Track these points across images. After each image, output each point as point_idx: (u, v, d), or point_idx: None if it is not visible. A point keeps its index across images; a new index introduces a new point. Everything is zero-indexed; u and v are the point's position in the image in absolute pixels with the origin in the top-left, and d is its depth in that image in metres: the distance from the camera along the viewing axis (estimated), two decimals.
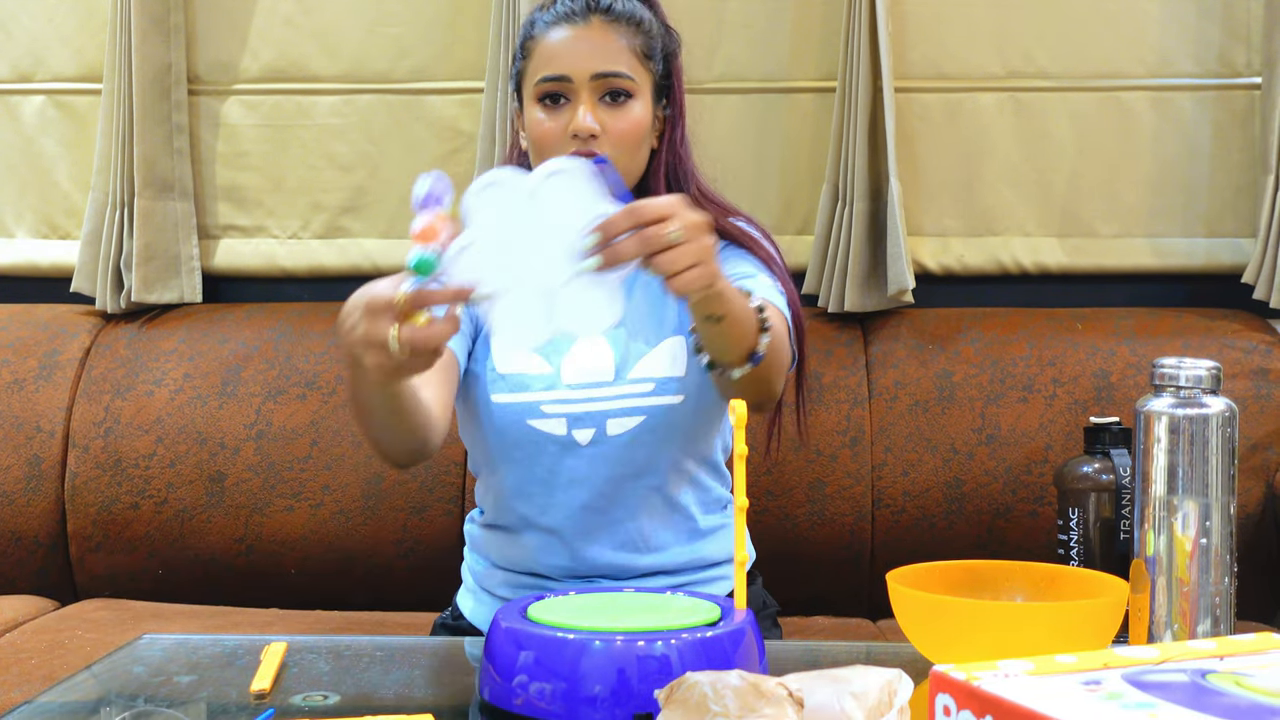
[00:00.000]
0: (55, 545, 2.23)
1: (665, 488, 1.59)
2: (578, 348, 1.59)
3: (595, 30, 1.58)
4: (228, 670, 1.24)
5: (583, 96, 1.56)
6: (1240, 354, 2.16)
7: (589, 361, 1.59)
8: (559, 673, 1.08)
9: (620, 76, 1.57)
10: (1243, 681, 0.85)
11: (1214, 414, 1.24)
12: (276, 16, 2.42)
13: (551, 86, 1.57)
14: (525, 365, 1.58)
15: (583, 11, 1.59)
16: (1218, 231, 2.33)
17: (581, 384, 1.57)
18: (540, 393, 1.57)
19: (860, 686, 0.97)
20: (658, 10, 1.67)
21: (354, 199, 2.43)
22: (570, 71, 1.56)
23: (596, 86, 1.56)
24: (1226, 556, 1.25)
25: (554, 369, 1.58)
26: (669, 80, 1.65)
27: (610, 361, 1.59)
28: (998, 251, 2.35)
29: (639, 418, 1.57)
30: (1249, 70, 2.31)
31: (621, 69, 1.57)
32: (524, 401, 1.57)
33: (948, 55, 2.35)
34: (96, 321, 2.37)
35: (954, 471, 2.13)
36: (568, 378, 1.58)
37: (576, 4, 1.59)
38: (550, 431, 1.56)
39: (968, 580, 1.30)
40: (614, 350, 1.59)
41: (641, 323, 1.61)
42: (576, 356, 1.59)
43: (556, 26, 1.59)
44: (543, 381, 1.57)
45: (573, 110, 1.56)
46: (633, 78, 1.58)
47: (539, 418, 1.57)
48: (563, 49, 1.57)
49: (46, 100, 2.47)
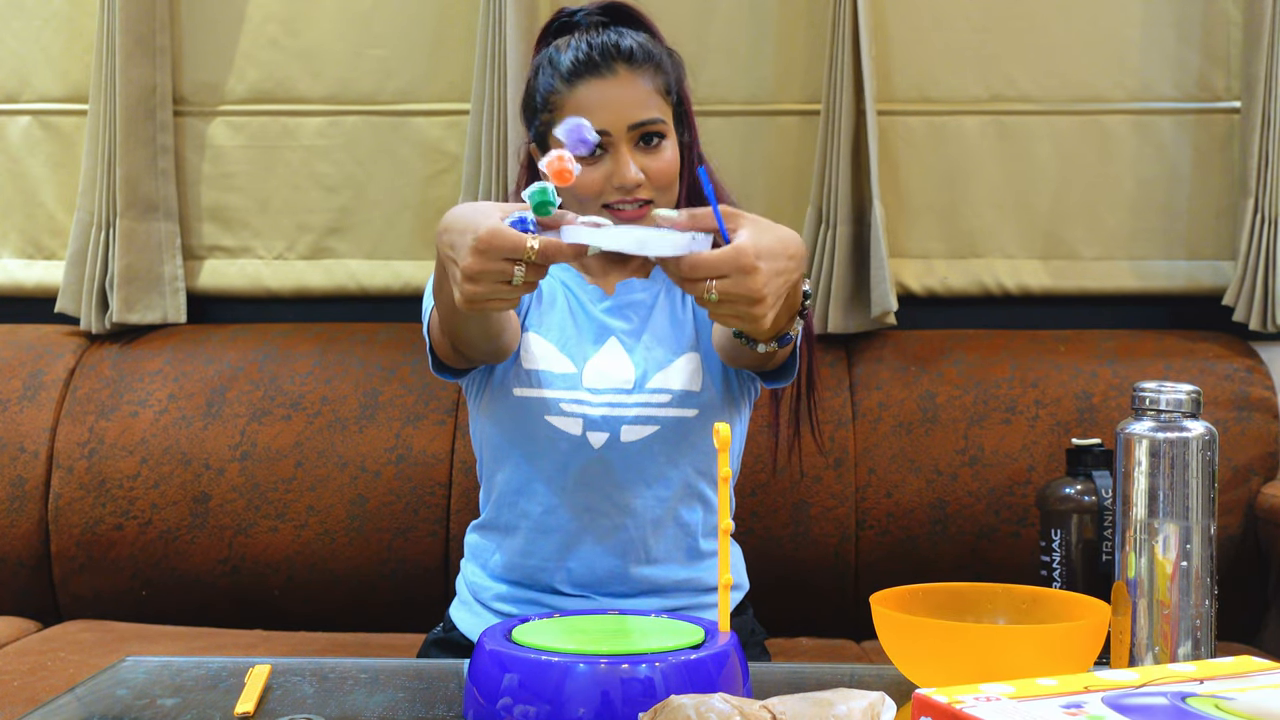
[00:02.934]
0: (39, 566, 2.23)
1: (671, 501, 1.61)
2: (601, 354, 1.62)
3: (623, 80, 1.59)
4: (212, 693, 1.24)
5: (622, 148, 1.58)
6: (1221, 377, 2.17)
7: (610, 369, 1.62)
8: (543, 695, 1.08)
9: (654, 123, 1.59)
10: (1222, 705, 0.86)
11: (1194, 437, 1.25)
12: (262, 38, 2.42)
13: None
14: (549, 364, 1.62)
15: (606, 61, 1.59)
16: (1198, 254, 2.35)
17: (602, 389, 1.60)
18: (561, 390, 1.60)
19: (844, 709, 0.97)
20: (660, 38, 1.69)
21: (340, 220, 2.43)
22: (609, 126, 1.57)
23: (633, 136, 1.58)
24: (1207, 579, 1.26)
25: (577, 370, 1.61)
26: (683, 106, 1.69)
27: (631, 371, 1.62)
28: (980, 273, 2.36)
29: (653, 427, 1.59)
30: (1228, 94, 2.33)
31: (654, 114, 1.60)
32: (544, 397, 1.60)
33: (931, 78, 2.36)
34: (81, 342, 2.37)
35: (937, 492, 2.14)
36: (589, 381, 1.61)
37: (597, 54, 1.60)
38: (566, 430, 1.59)
39: (951, 602, 1.31)
40: (634, 361, 1.62)
41: (663, 336, 1.64)
42: (599, 362, 1.62)
43: (582, 81, 1.59)
44: (565, 381, 1.60)
45: (614, 161, 1.57)
46: (663, 120, 1.61)
47: (557, 415, 1.59)
48: (597, 103, 1.58)
49: (32, 121, 2.47)
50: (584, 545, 1.61)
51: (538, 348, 1.63)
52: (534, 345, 1.64)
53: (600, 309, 1.67)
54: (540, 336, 1.64)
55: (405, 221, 2.41)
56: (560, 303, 1.67)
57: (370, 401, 2.21)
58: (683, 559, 1.63)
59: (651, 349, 1.64)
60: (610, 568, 1.61)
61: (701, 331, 1.66)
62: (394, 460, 2.17)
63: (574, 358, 1.62)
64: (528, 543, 1.63)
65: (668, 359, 1.63)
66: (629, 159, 1.57)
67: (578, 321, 1.66)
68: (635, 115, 1.58)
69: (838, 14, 2.25)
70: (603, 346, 1.64)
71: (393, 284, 2.41)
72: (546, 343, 1.64)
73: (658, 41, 1.68)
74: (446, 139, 2.41)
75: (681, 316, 1.67)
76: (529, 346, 1.63)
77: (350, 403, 2.21)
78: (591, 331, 1.65)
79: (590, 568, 1.61)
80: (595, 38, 1.61)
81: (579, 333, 1.65)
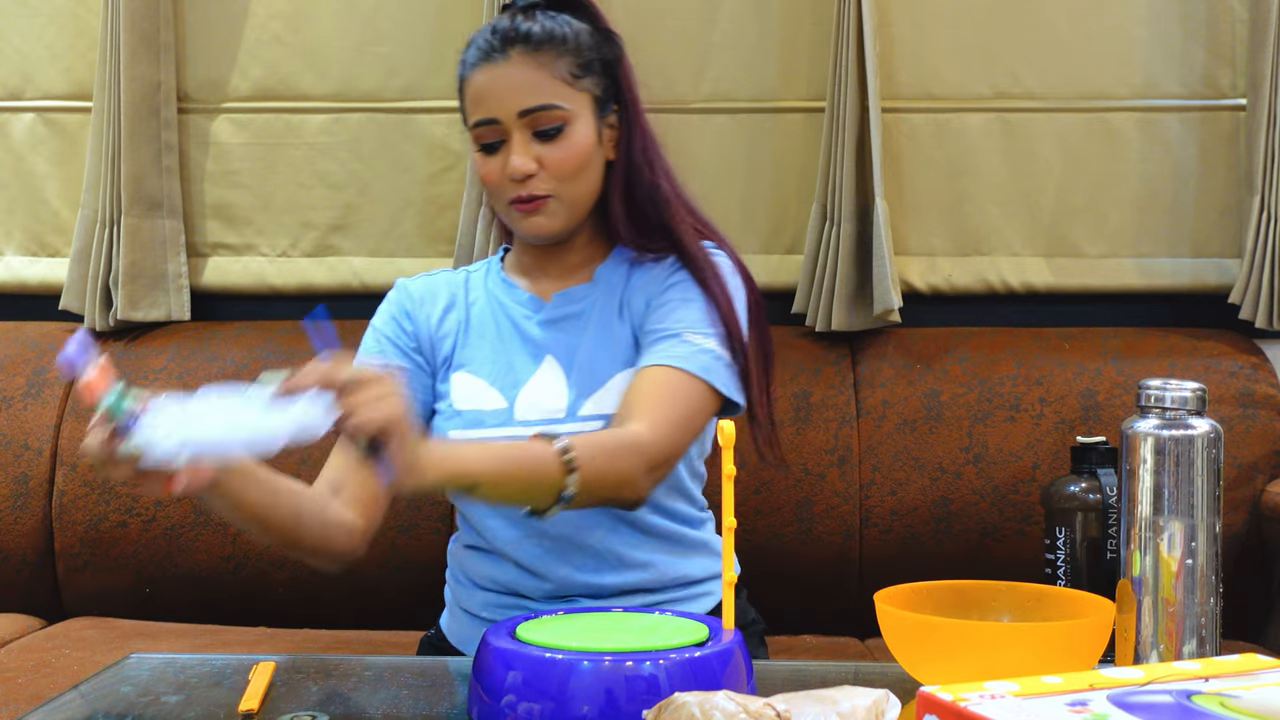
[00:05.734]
0: (42, 563, 2.23)
1: (629, 514, 1.57)
2: (532, 384, 1.57)
3: (516, 65, 1.53)
4: (216, 690, 1.24)
5: (514, 137, 1.53)
6: (1226, 375, 2.17)
7: (542, 397, 1.56)
8: (547, 693, 1.08)
9: (548, 110, 1.53)
10: (1227, 703, 0.86)
11: (1199, 435, 1.25)
12: (266, 35, 2.42)
13: (483, 131, 1.55)
14: (480, 401, 1.57)
15: (501, 46, 1.54)
16: (1204, 252, 2.34)
17: (534, 421, 1.55)
18: (494, 429, 1.55)
19: (847, 707, 0.97)
20: (592, 17, 1.62)
21: (343, 217, 2.43)
22: (496, 113, 1.53)
23: (526, 123, 1.53)
24: (1212, 577, 1.26)
25: (508, 404, 1.56)
26: (616, 88, 1.61)
27: (564, 398, 1.56)
28: (985, 271, 2.36)
29: None
30: (1234, 92, 2.33)
31: (547, 100, 1.53)
32: (478, 438, 1.55)
33: (935, 76, 2.36)
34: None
35: (941, 491, 2.14)
36: (521, 413, 1.55)
37: (495, 38, 1.55)
38: None
39: (955, 600, 1.30)
40: (569, 384, 1.57)
41: (597, 352, 1.58)
42: (531, 391, 1.57)
43: (479, 67, 1.55)
44: (496, 418, 1.56)
45: (509, 152, 1.53)
46: (562, 106, 1.54)
47: None
48: (486, 90, 1.54)
49: (36, 118, 2.47)
50: (555, 564, 1.57)
51: (468, 386, 1.59)
52: (463, 385, 1.59)
53: (536, 322, 1.61)
54: (470, 375, 1.59)
55: (409, 219, 2.41)
56: (490, 329, 1.62)
57: None
58: (661, 559, 1.60)
59: (586, 369, 1.57)
60: (586, 580, 1.57)
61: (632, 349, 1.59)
62: None
63: (505, 390, 1.57)
64: (504, 566, 1.59)
65: (601, 379, 1.56)
66: (519, 148, 1.52)
67: (509, 346, 1.60)
68: (523, 102, 1.52)
69: (842, 12, 2.25)
70: (538, 369, 1.58)
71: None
72: (475, 379, 1.59)
73: (594, 24, 1.61)
74: (450, 136, 2.40)
75: (618, 330, 1.60)
76: (458, 386, 1.59)
77: None
78: (525, 353, 1.60)
79: (566, 582, 1.57)
80: (504, 22, 1.56)
81: (511, 359, 1.59)
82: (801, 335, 2.29)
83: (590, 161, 1.57)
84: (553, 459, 1.33)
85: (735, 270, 1.62)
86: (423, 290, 1.67)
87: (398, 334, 1.64)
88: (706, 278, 1.57)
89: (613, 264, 1.64)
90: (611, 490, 1.42)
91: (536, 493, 1.35)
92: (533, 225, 1.57)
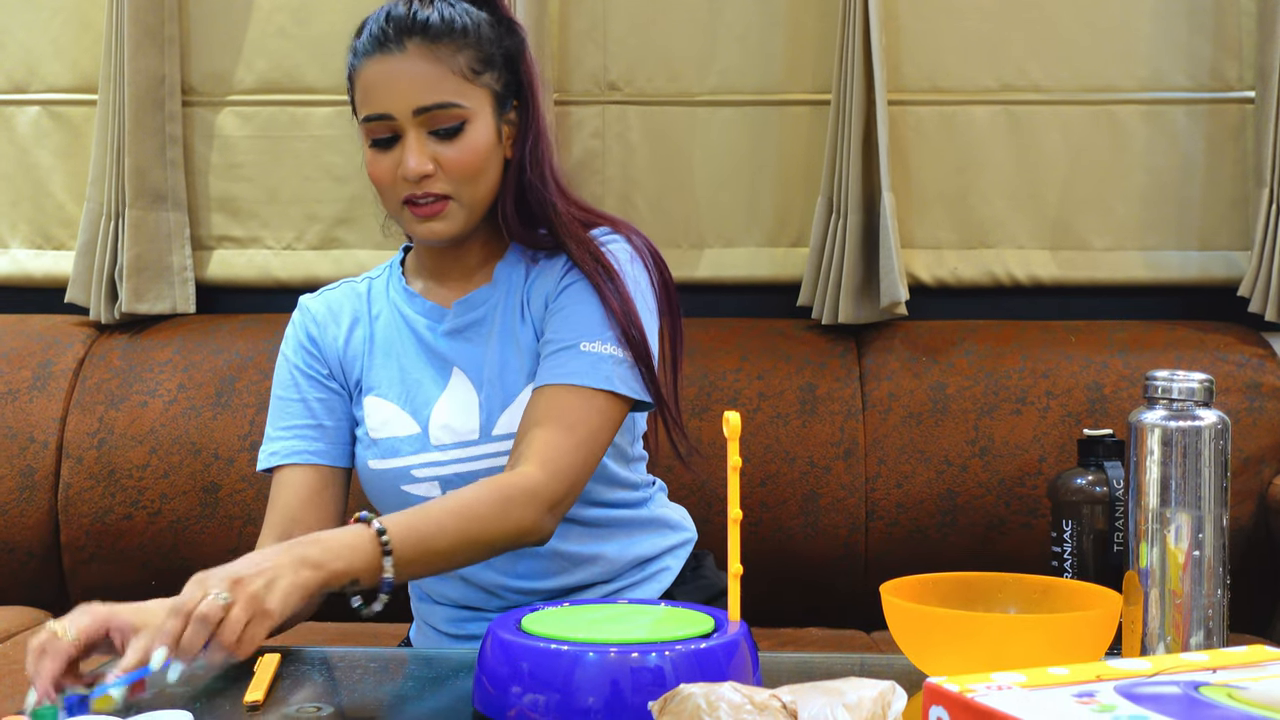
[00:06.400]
0: (48, 556, 2.23)
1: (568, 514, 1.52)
2: (442, 404, 1.53)
3: (412, 58, 1.46)
4: (221, 681, 1.24)
5: (409, 135, 1.46)
6: (1234, 367, 2.17)
7: (454, 420, 1.52)
8: (553, 684, 1.08)
9: (446, 108, 1.46)
10: (1235, 694, 0.86)
11: (1206, 426, 1.25)
12: (270, 28, 2.42)
13: (375, 127, 1.48)
14: (393, 428, 1.53)
15: (396, 37, 1.46)
16: (1211, 245, 2.34)
17: (448, 444, 1.51)
18: (410, 457, 1.52)
19: (854, 698, 0.97)
20: (493, 6, 1.54)
21: (348, 210, 2.43)
22: (390, 109, 1.46)
23: (422, 121, 1.46)
24: (1219, 569, 1.25)
25: (420, 428, 1.52)
26: (517, 83, 1.55)
27: (475, 418, 1.52)
28: (991, 264, 2.35)
29: None
30: (1241, 84, 2.32)
31: (447, 99, 1.46)
32: (396, 467, 1.53)
33: (941, 68, 2.36)
34: (90, 332, 2.37)
35: (947, 483, 2.13)
36: (435, 437, 1.52)
37: (390, 28, 1.47)
38: (424, 495, 1.51)
39: (961, 592, 1.30)
40: (480, 401, 1.52)
41: (502, 363, 1.53)
42: (441, 414, 1.52)
43: (371, 57, 1.47)
44: (411, 445, 1.52)
45: (403, 150, 1.47)
46: (462, 104, 1.47)
47: (411, 482, 1.52)
48: (380, 84, 1.46)
49: (41, 111, 2.47)
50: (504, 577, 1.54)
51: (380, 412, 1.54)
52: (376, 411, 1.55)
53: (441, 332, 1.56)
54: (380, 399, 1.55)
55: None
56: (395, 345, 1.57)
57: None
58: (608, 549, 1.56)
59: (495, 382, 1.52)
60: (538, 587, 1.54)
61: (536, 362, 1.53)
62: None
63: (417, 413, 1.53)
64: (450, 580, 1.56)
65: (512, 392, 1.52)
66: (415, 147, 1.46)
67: (415, 363, 1.55)
68: (420, 99, 1.45)
69: (848, 4, 2.25)
70: (446, 386, 1.53)
71: None
72: (387, 404, 1.55)
73: (496, 13, 1.53)
74: None
75: (521, 334, 1.54)
76: (371, 412, 1.55)
77: None
78: (432, 369, 1.55)
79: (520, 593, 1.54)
80: (399, 9, 1.49)
81: (418, 377, 1.55)
82: (807, 328, 2.29)
83: (489, 161, 1.50)
84: (352, 559, 1.26)
85: (635, 256, 1.55)
86: (324, 310, 1.62)
87: (308, 362, 1.60)
88: (596, 274, 1.50)
89: (511, 261, 1.59)
90: (512, 541, 1.39)
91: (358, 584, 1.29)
92: (428, 230, 1.51)
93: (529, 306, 1.55)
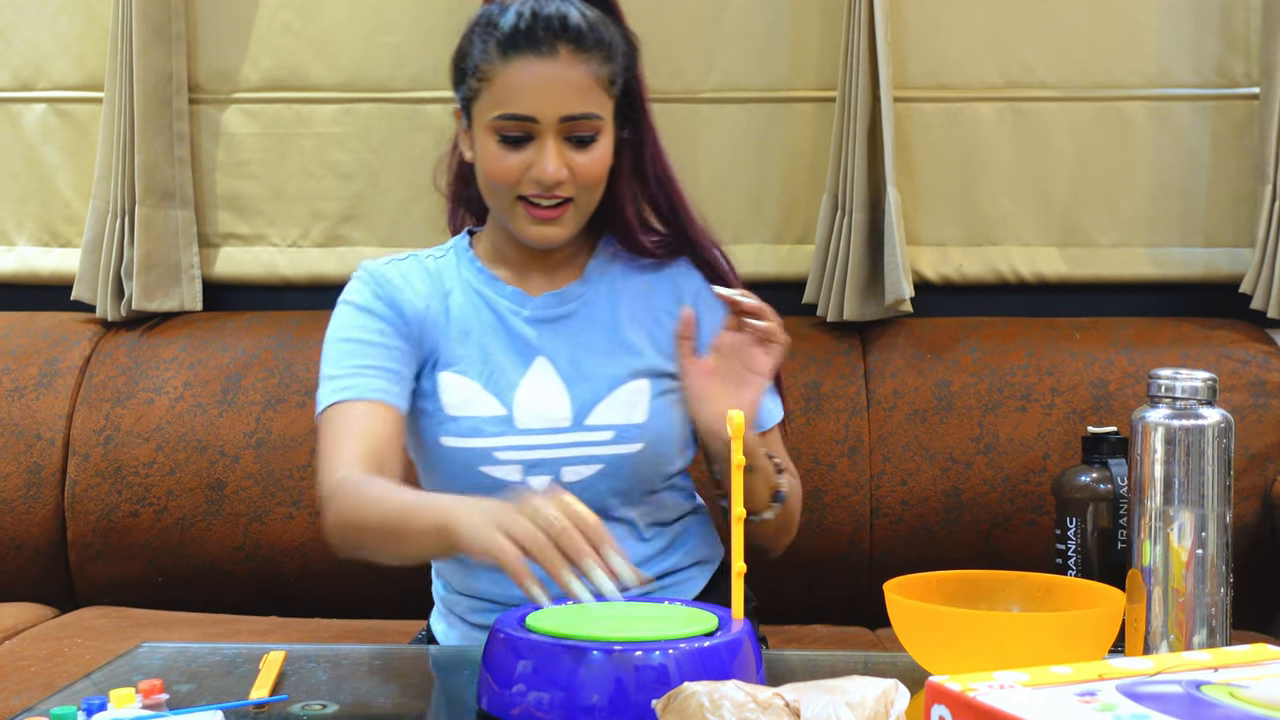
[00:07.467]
0: (55, 553, 2.23)
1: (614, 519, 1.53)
2: (529, 383, 1.51)
3: (564, 65, 1.45)
4: (226, 679, 1.24)
5: (549, 139, 1.45)
6: (1238, 364, 2.16)
7: (542, 404, 1.50)
8: (557, 682, 1.08)
9: (589, 118, 1.46)
10: (1237, 693, 0.86)
11: (1210, 425, 1.25)
12: (276, 25, 2.42)
13: (511, 125, 1.46)
14: (475, 407, 1.50)
15: (549, 40, 1.45)
16: (1216, 241, 2.34)
17: (536, 429, 1.50)
18: (493, 438, 1.49)
19: (857, 696, 0.97)
20: (620, 16, 1.55)
21: (354, 207, 2.43)
22: (535, 112, 1.45)
23: (564, 128, 1.46)
24: (1222, 567, 1.25)
25: (507, 411, 1.50)
26: (630, 97, 1.54)
27: (566, 406, 1.51)
28: (996, 261, 2.35)
29: (596, 466, 1.50)
30: (1247, 80, 2.32)
31: (591, 109, 1.46)
32: (477, 447, 1.49)
33: (947, 65, 2.35)
34: (97, 329, 2.38)
35: (952, 481, 2.13)
36: (522, 421, 1.50)
37: (542, 30, 1.45)
38: (503, 478, 1.49)
39: (965, 590, 1.30)
40: (569, 391, 1.51)
41: (600, 358, 1.53)
42: (528, 396, 1.51)
43: (520, 56, 1.45)
44: (495, 426, 1.49)
45: (537, 151, 1.46)
46: (600, 115, 1.47)
47: (492, 464, 1.49)
48: (529, 86, 1.45)
49: (48, 109, 2.48)
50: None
51: (460, 390, 1.51)
52: (455, 387, 1.51)
53: (523, 318, 1.55)
54: (460, 376, 1.52)
55: (419, 209, 2.41)
56: (475, 325, 1.54)
57: None
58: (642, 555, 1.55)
59: (587, 375, 1.52)
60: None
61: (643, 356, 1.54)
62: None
63: (501, 395, 1.50)
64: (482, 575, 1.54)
65: (606, 386, 1.52)
66: (554, 152, 1.45)
67: (497, 345, 1.53)
68: (569, 108, 1.45)
69: (853, 1, 2.24)
70: (529, 371, 1.52)
71: None
72: (469, 382, 1.51)
73: (615, 21, 1.53)
74: None
75: (629, 337, 1.55)
76: (450, 389, 1.51)
77: None
78: (515, 352, 1.53)
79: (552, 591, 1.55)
80: (542, 7, 1.46)
81: (501, 359, 1.52)
82: (812, 325, 2.28)
83: (607, 170, 1.51)
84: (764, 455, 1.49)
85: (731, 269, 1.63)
86: (397, 275, 1.58)
87: (385, 315, 1.53)
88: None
89: (603, 259, 1.60)
90: (796, 513, 1.59)
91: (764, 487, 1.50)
92: (541, 233, 1.50)
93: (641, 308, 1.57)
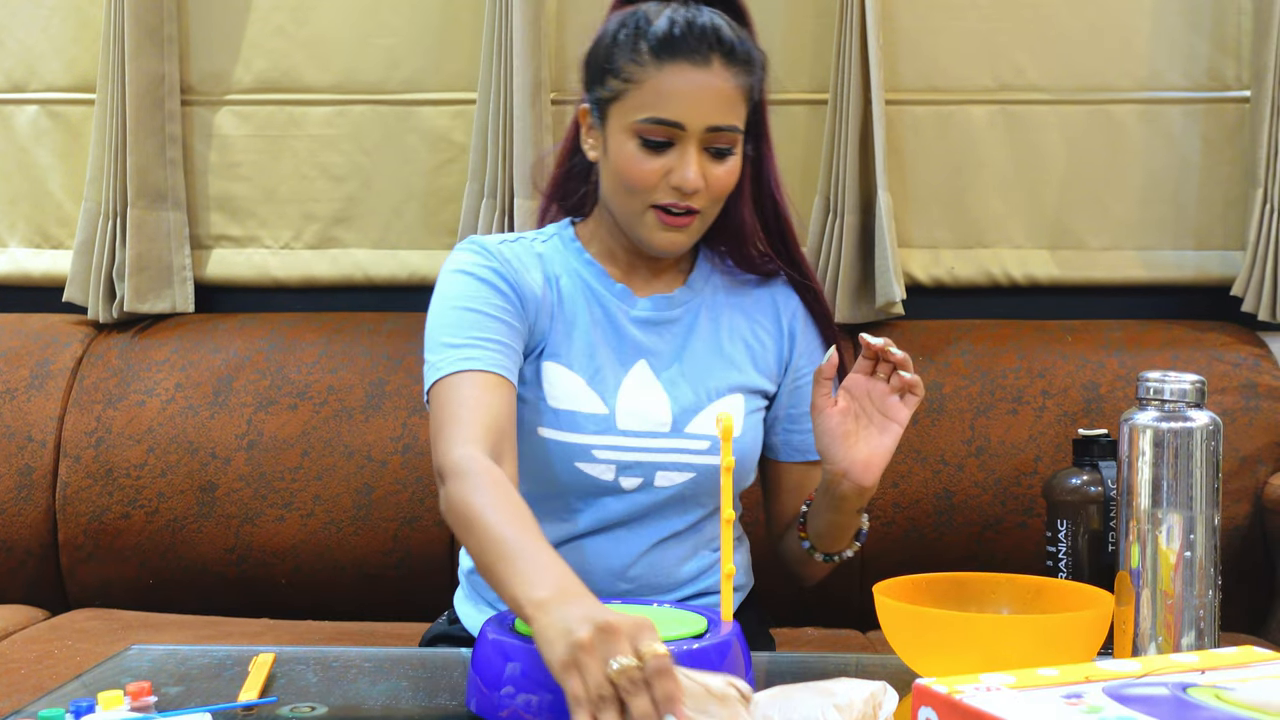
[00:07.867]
0: (46, 555, 2.23)
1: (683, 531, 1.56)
2: (630, 384, 1.52)
3: (715, 75, 1.46)
4: (216, 681, 1.24)
5: (690, 147, 1.46)
6: (1229, 367, 2.17)
7: (644, 407, 1.51)
8: (545, 684, 1.08)
9: (732, 131, 1.47)
10: (1223, 695, 0.86)
11: (1198, 427, 1.25)
12: (269, 27, 2.42)
13: (656, 129, 1.46)
14: (578, 402, 1.50)
15: (704, 50, 1.45)
16: (1207, 244, 2.34)
17: (636, 431, 1.51)
18: (592, 435, 1.49)
19: (845, 698, 0.97)
20: (755, 33, 1.57)
21: (346, 209, 2.43)
22: (685, 120, 1.45)
23: (707, 138, 1.46)
24: (1211, 569, 1.26)
25: (609, 410, 1.50)
26: (757, 114, 1.55)
27: (667, 412, 1.52)
28: (988, 263, 2.36)
29: (689, 474, 1.52)
30: (1238, 84, 2.32)
31: (734, 122, 1.47)
32: (575, 443, 1.49)
33: (938, 68, 2.36)
34: (88, 331, 2.37)
35: (943, 483, 2.14)
36: (623, 423, 1.50)
37: (698, 39, 1.46)
38: (597, 476, 1.50)
39: (955, 592, 1.30)
40: (670, 396, 1.53)
41: (702, 370, 1.55)
42: (631, 398, 1.52)
43: (674, 63, 1.45)
44: (596, 424, 1.50)
45: (678, 158, 1.46)
46: (740, 129, 1.49)
47: (588, 461, 1.50)
48: (682, 92, 1.45)
49: (40, 110, 2.48)
50: (594, 568, 1.53)
51: (564, 383, 1.51)
52: (559, 380, 1.51)
53: (630, 318, 1.55)
54: (564, 368, 1.52)
55: (412, 211, 2.41)
56: (583, 318, 1.54)
57: (376, 391, 2.21)
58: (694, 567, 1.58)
59: (690, 383, 1.54)
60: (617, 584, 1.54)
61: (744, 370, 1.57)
62: (400, 450, 2.18)
63: (604, 393, 1.51)
64: None
65: (707, 397, 1.54)
66: (695, 160, 1.45)
67: (602, 341, 1.54)
68: (717, 118, 1.46)
69: (845, 3, 2.25)
70: (630, 371, 1.53)
71: (399, 274, 2.41)
72: (573, 376, 1.51)
73: (752, 37, 1.55)
74: (453, 128, 2.40)
75: (729, 350, 1.57)
76: (552, 380, 1.51)
77: (356, 392, 2.22)
78: (618, 350, 1.54)
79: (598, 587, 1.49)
80: (696, 16, 1.47)
81: (605, 356, 1.53)
82: None
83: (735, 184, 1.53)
84: None
85: None
86: (514, 254, 1.54)
87: (503, 292, 1.50)
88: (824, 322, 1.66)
89: (705, 270, 1.62)
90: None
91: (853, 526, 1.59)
92: (669, 240, 1.50)
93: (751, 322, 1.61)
